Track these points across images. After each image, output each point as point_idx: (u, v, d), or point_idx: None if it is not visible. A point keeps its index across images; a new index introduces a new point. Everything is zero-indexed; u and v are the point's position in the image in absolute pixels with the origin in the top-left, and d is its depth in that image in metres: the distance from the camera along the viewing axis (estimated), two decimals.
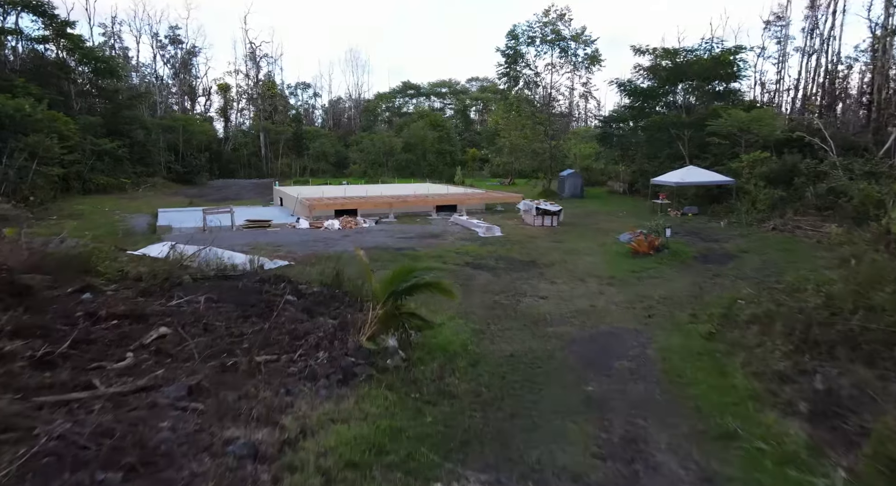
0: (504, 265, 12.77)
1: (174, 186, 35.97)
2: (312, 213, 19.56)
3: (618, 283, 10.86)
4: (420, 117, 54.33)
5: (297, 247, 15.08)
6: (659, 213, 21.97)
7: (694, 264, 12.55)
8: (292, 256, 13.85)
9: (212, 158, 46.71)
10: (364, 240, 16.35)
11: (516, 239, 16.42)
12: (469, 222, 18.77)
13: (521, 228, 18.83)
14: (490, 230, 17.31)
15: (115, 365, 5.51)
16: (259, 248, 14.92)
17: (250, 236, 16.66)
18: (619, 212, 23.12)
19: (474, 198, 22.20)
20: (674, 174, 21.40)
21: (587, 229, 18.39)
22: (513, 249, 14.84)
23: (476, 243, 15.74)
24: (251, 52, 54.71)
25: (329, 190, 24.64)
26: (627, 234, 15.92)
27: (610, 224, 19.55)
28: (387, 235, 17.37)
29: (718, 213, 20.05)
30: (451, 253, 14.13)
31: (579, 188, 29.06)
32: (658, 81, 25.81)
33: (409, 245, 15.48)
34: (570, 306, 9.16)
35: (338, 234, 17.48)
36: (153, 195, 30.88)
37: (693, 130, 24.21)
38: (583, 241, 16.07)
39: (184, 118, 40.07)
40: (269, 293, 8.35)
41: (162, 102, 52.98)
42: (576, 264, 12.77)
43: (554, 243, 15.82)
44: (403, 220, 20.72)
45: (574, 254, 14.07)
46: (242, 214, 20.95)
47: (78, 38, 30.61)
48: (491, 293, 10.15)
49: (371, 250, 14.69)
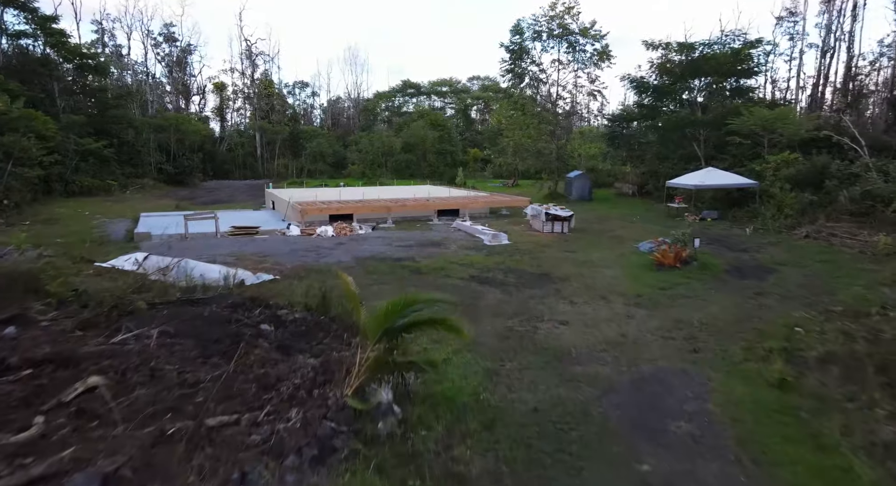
0: (514, 280, 11.40)
1: (164, 188, 34.61)
2: (304, 218, 18.19)
3: (646, 303, 9.48)
4: (420, 117, 52.98)
5: (284, 257, 13.71)
6: (675, 217, 20.59)
7: (728, 280, 11.17)
8: (278, 268, 12.48)
9: (205, 158, 45.31)
10: (359, 249, 14.99)
11: (525, 248, 15.05)
12: (473, 229, 17.40)
13: (530, 234, 17.45)
14: (496, 238, 15.93)
15: (13, 438, 4.13)
16: (243, 258, 13.56)
17: (235, 245, 15.29)
18: (631, 216, 21.73)
19: (478, 202, 20.83)
20: (692, 176, 20.01)
21: (601, 237, 17.00)
22: (522, 259, 13.47)
23: (481, 253, 14.37)
24: (247, 50, 53.39)
25: (324, 193, 23.27)
26: (647, 243, 14.55)
27: (624, 231, 18.17)
28: (384, 242, 16.00)
29: (741, 218, 18.67)
30: (454, 265, 12.75)
31: (587, 191, 27.67)
32: (671, 77, 24.39)
33: (408, 255, 14.11)
34: (597, 335, 7.78)
35: (331, 242, 16.10)
36: (141, 198, 29.51)
37: (709, 129, 22.83)
38: (598, 250, 14.69)
39: (175, 117, 38.68)
40: (241, 323, 6.97)
41: (155, 101, 51.66)
42: (594, 279, 11.38)
43: (567, 252, 14.44)
44: (402, 225, 19.35)
45: (591, 266, 12.69)
46: (230, 219, 19.58)
47: (60, 34, 29.17)
48: (502, 317, 8.77)
49: (366, 261, 13.35)
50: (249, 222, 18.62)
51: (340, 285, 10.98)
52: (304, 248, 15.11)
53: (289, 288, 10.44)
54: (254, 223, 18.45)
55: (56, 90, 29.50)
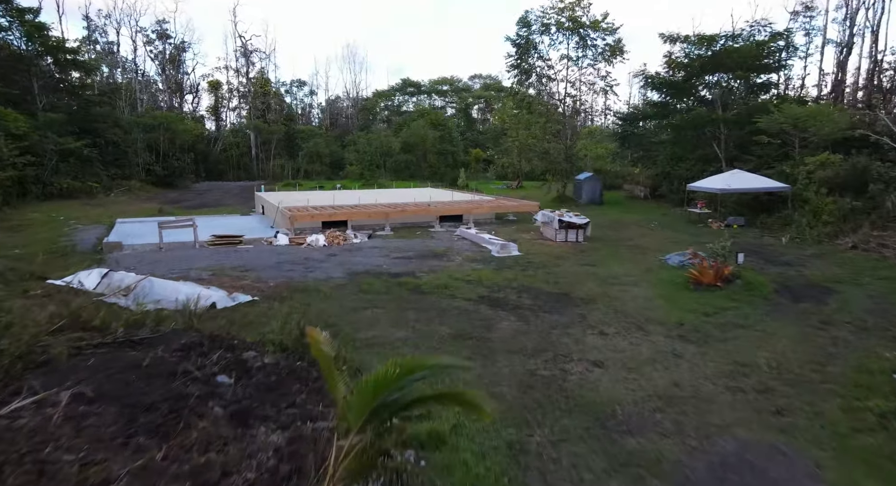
0: (530, 301, 9.82)
1: (152, 190, 33.03)
2: (294, 225, 16.61)
3: (693, 335, 7.89)
4: (420, 116, 51.39)
5: (268, 272, 12.13)
6: (697, 224, 19.01)
7: (781, 303, 9.58)
8: (259, 286, 10.90)
9: (198, 159, 43.76)
10: (353, 261, 13.41)
11: (538, 261, 13.47)
12: (479, 237, 15.81)
13: (541, 243, 15.87)
14: (505, 248, 14.35)
15: None
16: (221, 273, 11.98)
17: (215, 257, 13.71)
18: (648, 222, 20.14)
19: (483, 206, 19.25)
20: (715, 179, 18.42)
21: (620, 247, 15.41)
22: (537, 275, 11.88)
23: (490, 266, 12.79)
24: (241, 47, 51.83)
25: (316, 197, 21.68)
26: (677, 255, 12.96)
27: (645, 239, 16.58)
28: (381, 253, 14.42)
29: (771, 225, 17.09)
30: (459, 282, 11.17)
31: (598, 194, 26.10)
32: (689, 72, 22.79)
33: (407, 269, 12.53)
34: (644, 384, 6.20)
35: (322, 252, 14.51)
36: (125, 201, 27.94)
37: (731, 127, 21.27)
38: (620, 263, 13.10)
39: (165, 116, 37.07)
40: (190, 376, 5.38)
41: (148, 100, 50.06)
42: (623, 301, 9.80)
43: (586, 266, 12.85)
44: (401, 233, 17.76)
45: (616, 283, 11.11)
46: (213, 226, 18.00)
47: (40, 28, 27.55)
48: (521, 354, 7.19)
49: (360, 277, 11.76)
50: (233, 230, 17.04)
51: (327, 311, 9.45)
52: (291, 260, 13.53)
53: (267, 314, 8.91)
54: (238, 231, 16.87)
55: (36, 87, 27.91)
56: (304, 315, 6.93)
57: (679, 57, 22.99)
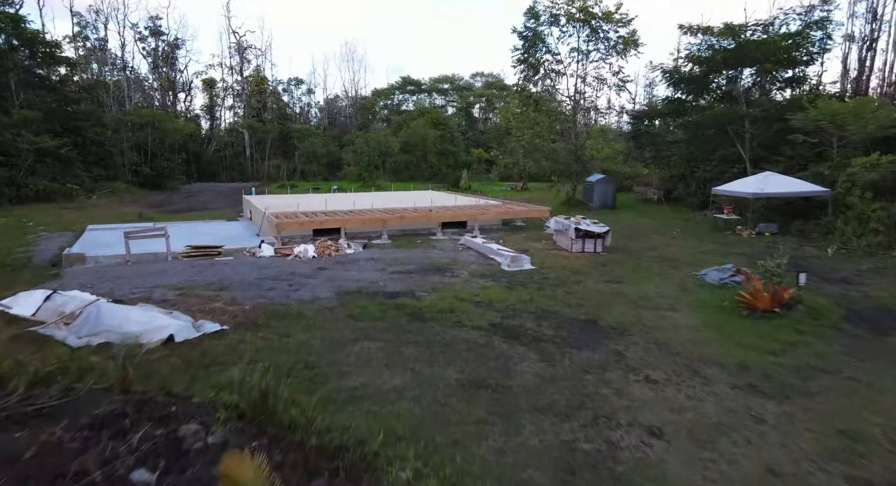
0: (552, 331, 8.20)
1: (138, 192, 31.43)
2: (280, 234, 14.97)
3: (767, 385, 6.26)
4: (420, 115, 49.76)
5: (246, 291, 10.49)
6: (723, 231, 17.37)
7: (858, 334, 7.94)
8: (233, 310, 9.27)
9: (189, 159, 42.18)
10: (344, 277, 11.78)
11: (555, 276, 11.83)
12: (487, 248, 14.17)
13: (556, 254, 14.23)
14: (517, 261, 12.71)
15: None
16: (191, 293, 10.35)
17: (187, 272, 12.07)
18: (669, 229, 18.50)
19: (489, 212, 17.60)
20: (746, 182, 16.77)
21: (644, 258, 13.77)
22: (556, 295, 10.25)
23: (501, 283, 11.16)
24: (236, 43, 50.22)
25: (308, 201, 20.04)
26: (714, 271, 11.32)
27: (670, 249, 14.95)
28: (376, 267, 12.78)
29: (809, 233, 15.45)
30: (467, 304, 9.55)
31: (611, 197, 24.46)
32: (710, 66, 21.12)
33: (406, 287, 10.89)
34: (727, 469, 4.57)
35: (310, 266, 12.87)
36: (106, 204, 26.33)
37: (758, 125, 19.64)
38: (650, 280, 11.46)
39: (153, 114, 35.44)
40: (86, 480, 3.76)
41: (142, 99, 48.41)
42: (665, 331, 8.17)
43: (611, 283, 11.22)
44: (400, 241, 16.13)
45: (650, 306, 9.47)
46: (193, 233, 16.38)
47: (12, 20, 25.79)
48: (553, 415, 5.56)
49: (351, 298, 10.12)
50: (215, 239, 15.41)
51: (308, 344, 7.81)
52: (275, 275, 11.89)
53: (236, 350, 7.32)
54: (220, 240, 15.24)
55: (12, 83, 26.26)
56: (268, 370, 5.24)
57: (699, 49, 21.30)
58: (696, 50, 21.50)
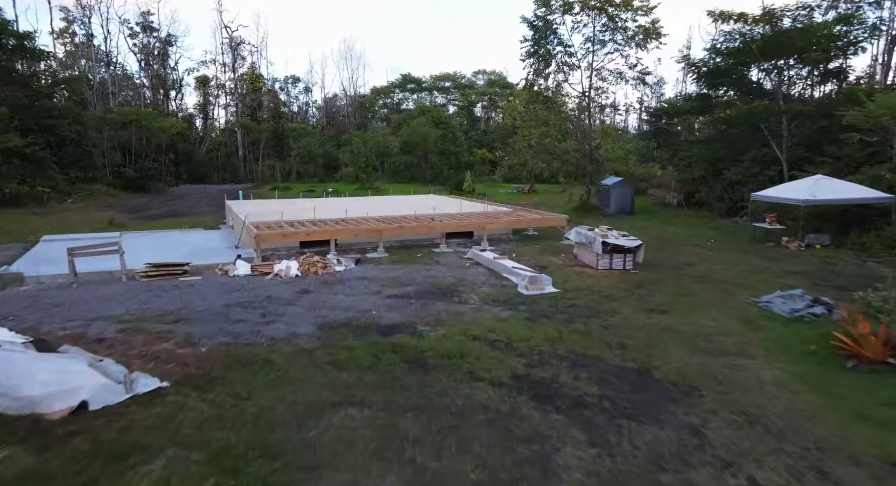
0: (596, 388, 6.23)
1: (120, 196, 29.41)
2: (260, 247, 12.97)
3: None
4: (421, 113, 47.73)
5: (207, 324, 8.50)
6: (765, 243, 15.37)
7: None
8: (185, 353, 7.29)
9: (179, 159, 40.17)
10: (331, 303, 9.79)
11: (584, 301, 9.84)
12: (499, 265, 12.18)
13: (579, 272, 12.23)
14: (536, 282, 10.70)
15: None
16: (137, 327, 8.34)
17: (142, 296, 10.07)
18: (702, 240, 16.51)
19: (500, 221, 15.59)
20: (793, 188, 14.74)
21: (685, 278, 11.76)
22: (590, 330, 8.26)
23: (520, 312, 9.17)
24: (228, 38, 48.22)
25: (296, 207, 18.03)
26: (780, 297, 9.32)
27: (710, 266, 12.93)
28: (370, 288, 10.79)
29: (869, 246, 13.45)
30: (481, 344, 7.58)
31: (629, 201, 22.47)
32: (742, 57, 19.07)
33: (404, 317, 8.91)
34: None
35: (292, 287, 10.88)
36: (81, 208, 24.32)
37: (800, 122, 17.64)
38: (700, 308, 9.46)
39: (136, 112, 33.41)
40: None
41: (134, 96, 46.37)
42: (747, 390, 6.18)
43: (653, 312, 9.22)
44: (398, 254, 14.14)
45: (714, 349, 7.48)
46: (162, 245, 14.41)
47: None
48: None
49: (337, 333, 8.12)
50: (186, 251, 13.44)
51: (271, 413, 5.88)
52: (247, 300, 9.90)
53: (171, 422, 5.37)
54: (193, 252, 13.27)
55: None
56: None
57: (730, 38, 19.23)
58: (726, 39, 19.44)
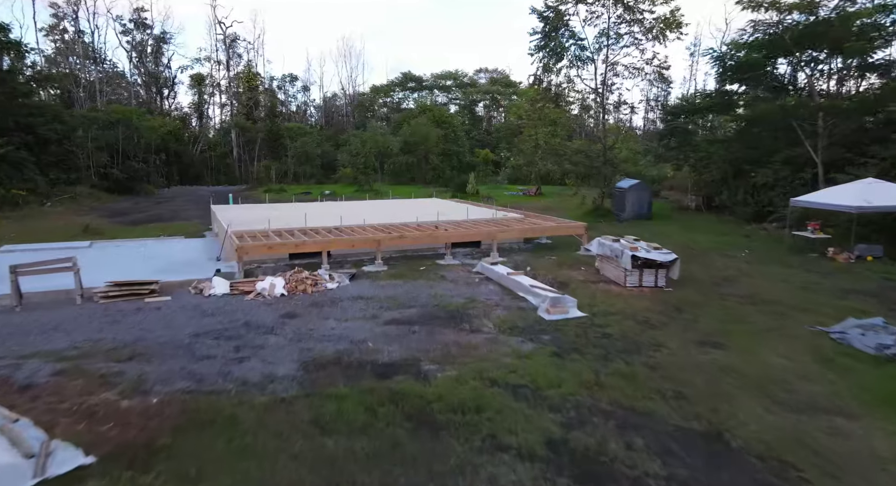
0: (658, 463, 4.73)
1: (105, 198, 27.88)
2: (242, 260, 11.45)
3: None
4: (422, 112, 46.17)
5: (166, 363, 6.99)
6: (807, 253, 13.84)
7: None
8: (129, 408, 5.78)
9: (171, 160, 38.65)
10: (319, 331, 8.27)
11: (618, 330, 8.31)
12: (514, 282, 10.65)
13: (605, 290, 10.71)
14: (559, 305, 9.17)
15: None
16: (79, 367, 6.82)
17: (96, 323, 8.55)
18: (734, 248, 14.99)
19: (510, 229, 14.05)
20: (840, 192, 13.22)
21: (729, 298, 10.22)
22: (634, 371, 6.74)
23: (544, 344, 7.66)
24: (222, 34, 46.70)
25: (286, 213, 16.50)
26: (858, 329, 7.79)
27: (754, 281, 11.39)
28: (366, 311, 9.27)
29: None
30: (501, 393, 6.11)
31: (646, 205, 20.96)
32: (772, 49, 17.53)
33: (406, 352, 7.40)
34: None
35: (275, 310, 9.35)
36: (60, 212, 22.81)
37: (837, 120, 16.12)
38: (759, 339, 7.93)
39: (123, 110, 31.87)
40: None
41: (130, 96, 44.82)
42: (867, 475, 4.65)
43: (705, 345, 7.68)
44: (398, 267, 12.61)
45: (797, 402, 5.95)
46: (133, 257, 12.90)
47: None
48: None
49: (325, 375, 6.59)
50: (157, 266, 11.91)
51: None
52: (219, 329, 8.37)
53: None
54: (164, 268, 11.75)
55: None
56: None
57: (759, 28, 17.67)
58: (755, 30, 17.87)
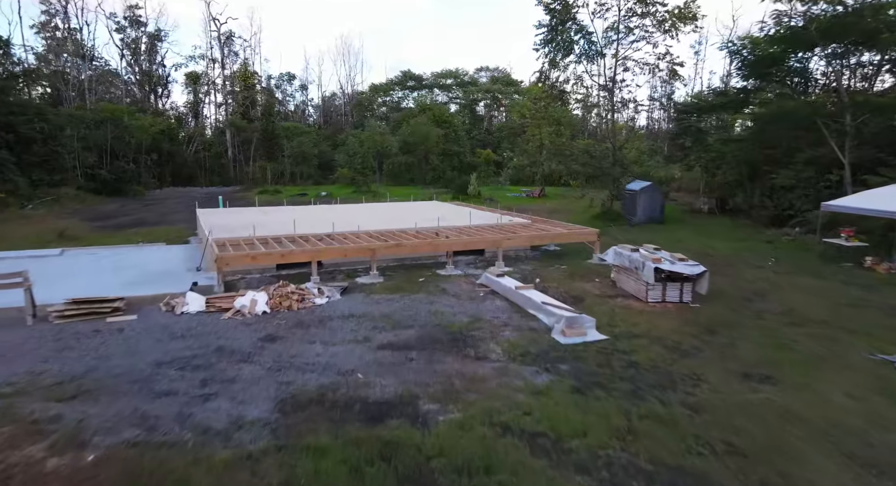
0: None
1: (91, 200, 26.77)
2: (223, 271, 10.34)
3: None
4: (422, 111, 45.07)
5: (115, 403, 5.91)
6: (839, 262, 12.74)
7: None
8: (56, 469, 4.65)
9: (163, 160, 37.54)
10: (302, 359, 7.18)
11: (645, 357, 7.21)
12: (522, 297, 9.54)
13: (624, 306, 9.61)
14: (575, 326, 8.07)
15: None
16: (11, 405, 5.70)
17: (44, 349, 7.45)
18: (758, 256, 13.89)
19: (517, 237, 12.93)
20: (882, 195, 12.11)
21: (766, 316, 9.11)
22: (673, 414, 5.65)
23: (564, 377, 6.58)
24: (216, 31, 45.60)
25: (274, 218, 15.40)
26: None
27: (789, 296, 10.28)
28: (357, 333, 8.17)
29: None
30: (516, 446, 5.05)
31: (658, 209, 19.85)
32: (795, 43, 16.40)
33: (401, 386, 6.33)
34: None
35: (254, 332, 8.24)
36: (42, 215, 21.72)
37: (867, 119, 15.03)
38: (815, 371, 6.82)
39: (111, 108, 30.74)
40: None
41: (125, 94, 43.68)
42: None
43: (750, 379, 6.58)
44: (395, 278, 11.51)
45: (889, 466, 4.83)
46: (104, 267, 11.80)
47: None
48: None
49: (305, 418, 5.39)
50: (128, 279, 10.81)
51: None
52: (187, 355, 7.27)
53: None
54: (137, 280, 10.65)
55: None
56: None
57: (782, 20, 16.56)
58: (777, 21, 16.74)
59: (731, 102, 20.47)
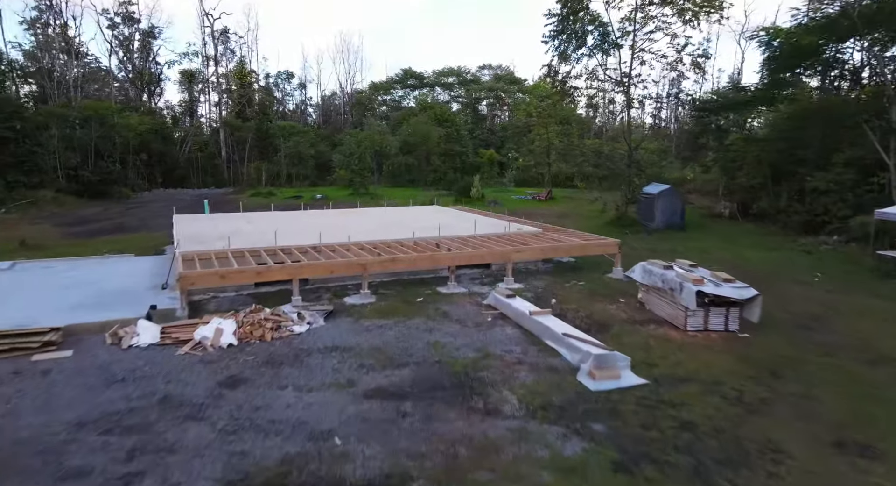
0: None
1: (71, 203, 25.27)
2: (186, 291, 8.81)
3: None
4: (423, 110, 43.52)
5: (10, 482, 4.36)
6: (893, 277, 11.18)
7: None
8: None
9: (153, 161, 36.08)
10: (267, 412, 5.66)
11: (702, 413, 5.68)
12: (539, 326, 8.00)
13: (657, 335, 8.07)
14: (606, 365, 6.55)
15: None
16: None
17: None
18: (799, 270, 12.34)
19: (528, 249, 11.37)
20: None
21: (835, 351, 7.56)
22: None
23: (601, 445, 5.09)
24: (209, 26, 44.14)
25: (258, 226, 13.87)
26: None
27: (853, 324, 8.74)
28: (339, 375, 6.65)
29: None
30: None
31: (678, 214, 18.28)
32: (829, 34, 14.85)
33: (390, 458, 4.80)
34: None
35: (210, 376, 6.71)
36: (14, 220, 20.25)
37: None
38: None
39: (93, 106, 29.26)
40: None
41: (118, 92, 42.27)
42: None
43: (844, 448, 5.05)
44: (390, 296, 9.98)
45: None
46: (55, 286, 10.31)
47: None
48: None
49: None
50: (79, 299, 9.28)
51: None
52: (122, 409, 5.76)
53: None
54: (89, 300, 9.15)
55: None
56: None
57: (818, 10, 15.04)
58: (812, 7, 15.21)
59: (759, 98, 18.92)
